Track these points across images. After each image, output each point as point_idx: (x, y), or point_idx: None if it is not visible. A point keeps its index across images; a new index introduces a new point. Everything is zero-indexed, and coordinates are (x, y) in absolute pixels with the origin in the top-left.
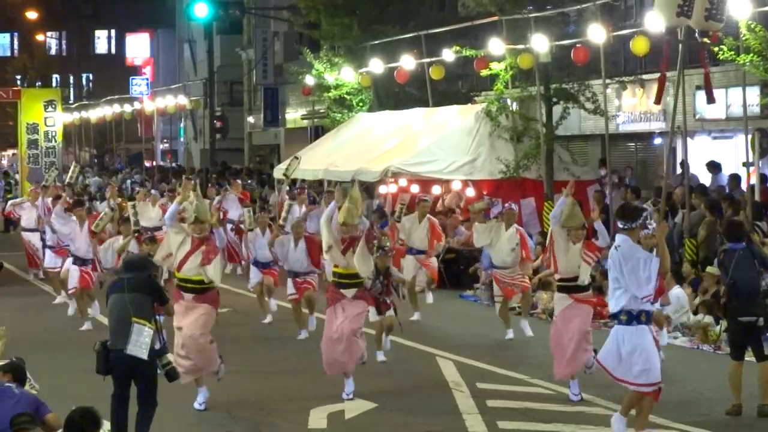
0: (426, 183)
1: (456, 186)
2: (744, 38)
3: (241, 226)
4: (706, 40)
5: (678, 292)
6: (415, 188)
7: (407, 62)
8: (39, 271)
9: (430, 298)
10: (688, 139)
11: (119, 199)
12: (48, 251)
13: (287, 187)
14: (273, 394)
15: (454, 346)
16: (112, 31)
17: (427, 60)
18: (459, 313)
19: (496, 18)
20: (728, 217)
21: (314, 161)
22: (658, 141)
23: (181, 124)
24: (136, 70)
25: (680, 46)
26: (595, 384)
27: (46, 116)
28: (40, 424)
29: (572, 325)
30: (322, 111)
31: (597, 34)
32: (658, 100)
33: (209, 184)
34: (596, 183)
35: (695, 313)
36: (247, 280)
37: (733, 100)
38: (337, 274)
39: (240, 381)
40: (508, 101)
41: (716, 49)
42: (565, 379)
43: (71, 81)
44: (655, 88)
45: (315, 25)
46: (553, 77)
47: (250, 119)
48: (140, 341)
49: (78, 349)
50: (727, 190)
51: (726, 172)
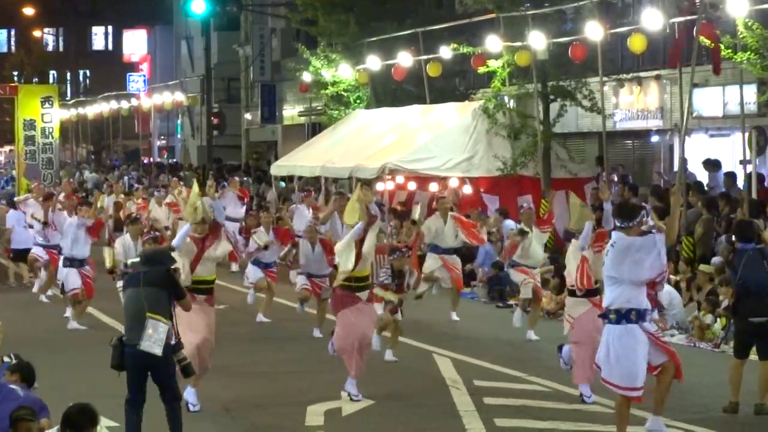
0: (423, 180)
1: (453, 183)
2: (741, 36)
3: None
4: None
5: (669, 289)
6: (412, 185)
7: (404, 59)
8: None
9: (454, 316)
10: (686, 137)
11: (121, 197)
12: (36, 247)
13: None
14: (270, 392)
15: (452, 344)
16: (109, 28)
17: (425, 57)
18: (456, 310)
19: (493, 15)
20: (725, 215)
21: (311, 158)
22: (655, 139)
23: (178, 121)
24: (133, 67)
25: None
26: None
27: (43, 113)
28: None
29: (592, 332)
30: (319, 108)
31: (594, 31)
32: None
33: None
34: (593, 180)
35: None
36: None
37: (731, 98)
38: (352, 278)
39: (237, 379)
40: (506, 98)
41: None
42: (582, 383)
43: (68, 77)
44: (652, 85)
45: (312, 22)
46: (551, 75)
47: (248, 116)
48: (155, 337)
49: (76, 347)
50: (724, 188)
51: (723, 170)
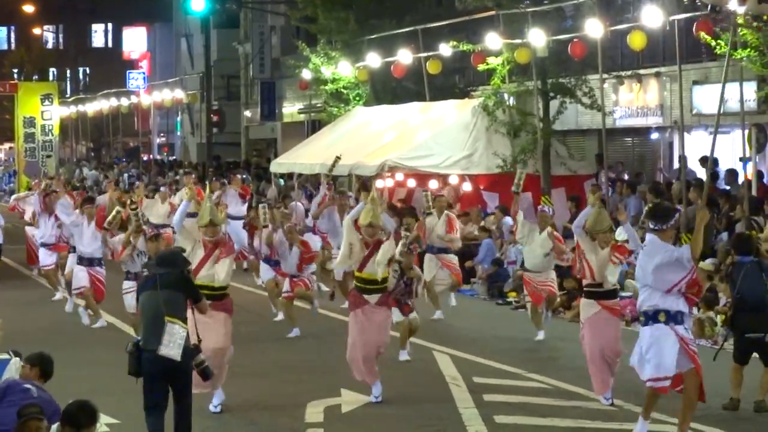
0: (423, 177)
1: (453, 180)
2: (741, 33)
3: (254, 223)
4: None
5: None
6: (412, 183)
7: (404, 57)
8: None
9: (453, 300)
10: (685, 134)
11: (117, 193)
12: (42, 249)
13: (327, 184)
14: (269, 390)
15: (451, 341)
16: (109, 25)
17: (424, 54)
18: (456, 308)
19: (493, 12)
20: (725, 213)
21: (311, 155)
22: (654, 136)
23: (178, 118)
24: (132, 64)
25: (677, 41)
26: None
27: (43, 110)
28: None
29: (603, 341)
30: (319, 105)
31: (594, 28)
32: None
33: (213, 178)
34: (593, 177)
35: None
36: (251, 276)
37: (730, 95)
38: (361, 279)
39: (236, 377)
40: (505, 96)
41: (713, 44)
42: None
43: (68, 75)
44: (652, 83)
45: (312, 19)
46: (550, 72)
47: (247, 113)
48: (173, 341)
49: (77, 345)
50: (725, 185)
51: (723, 167)
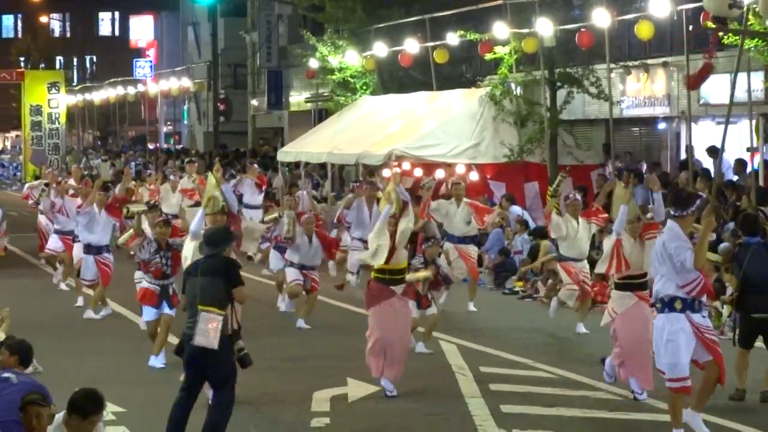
0: (430, 167)
1: (460, 170)
2: (749, 23)
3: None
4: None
5: None
6: (419, 172)
7: (411, 46)
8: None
9: (471, 306)
10: (693, 124)
11: (132, 183)
12: (53, 235)
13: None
14: (275, 380)
15: (458, 330)
16: (116, 14)
17: (431, 44)
18: (462, 297)
19: (500, 2)
20: (732, 203)
21: (318, 145)
22: (662, 126)
23: (185, 107)
24: (139, 53)
25: (685, 31)
26: (599, 367)
27: (49, 98)
28: None
29: (639, 330)
30: (325, 94)
31: (601, 18)
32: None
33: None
34: (600, 167)
35: None
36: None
37: (738, 85)
38: (387, 270)
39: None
40: (512, 85)
41: (721, 34)
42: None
43: (75, 63)
44: (659, 72)
45: (319, 8)
46: (558, 61)
47: (254, 102)
48: (208, 330)
49: (84, 333)
50: (734, 175)
51: (731, 157)
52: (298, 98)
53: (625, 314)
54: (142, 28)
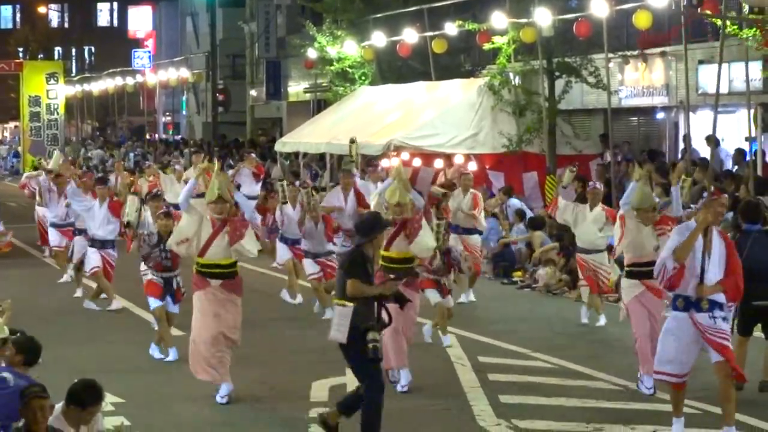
0: (428, 157)
1: (458, 160)
2: (747, 13)
3: (266, 204)
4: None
5: None
6: (418, 162)
7: (410, 36)
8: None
9: (471, 295)
10: (691, 113)
11: (125, 173)
12: (52, 229)
13: (356, 170)
14: (274, 369)
15: (456, 320)
16: (114, 4)
17: (430, 34)
18: (460, 287)
19: None
20: (731, 193)
21: (316, 135)
22: (660, 115)
23: (184, 97)
24: (138, 43)
25: (683, 20)
26: (597, 357)
27: (48, 89)
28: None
29: (646, 318)
30: (324, 84)
31: (600, 7)
32: None
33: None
34: (599, 157)
35: None
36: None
37: (736, 74)
38: (388, 258)
39: (241, 356)
40: (511, 75)
41: (719, 23)
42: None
43: (73, 54)
44: (657, 62)
45: None
46: (556, 51)
47: (253, 92)
48: (340, 323)
49: (84, 324)
50: (733, 164)
51: (729, 146)
52: (296, 88)
53: (632, 304)
54: (141, 19)
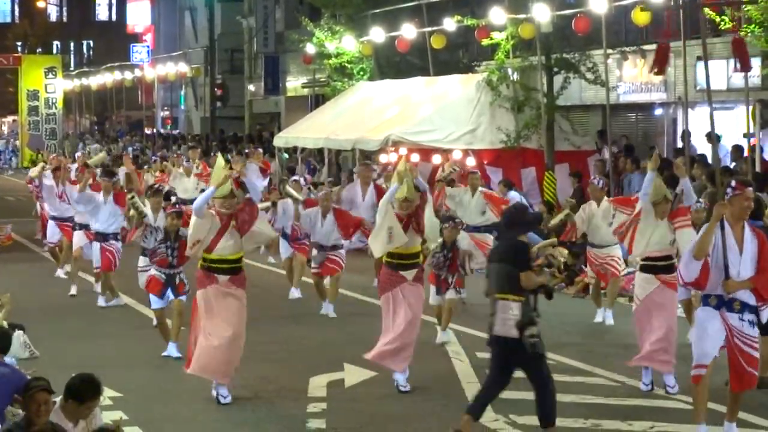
0: (426, 152)
1: (457, 155)
2: (745, 9)
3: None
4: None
5: None
6: (416, 157)
7: (408, 31)
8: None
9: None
10: (689, 109)
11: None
12: (50, 223)
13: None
14: (273, 365)
15: (454, 315)
16: None
17: (429, 29)
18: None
19: None
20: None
21: (314, 130)
22: (658, 112)
23: (182, 92)
24: (136, 38)
25: (681, 16)
26: (595, 353)
27: (46, 83)
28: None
29: (659, 315)
30: (322, 79)
31: (598, 3)
32: (659, 70)
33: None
34: (597, 153)
35: None
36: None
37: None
38: (396, 255)
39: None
40: (509, 71)
41: (718, 20)
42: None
43: (72, 48)
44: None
45: None
46: (554, 47)
47: (251, 87)
48: (506, 319)
49: (83, 319)
50: (731, 161)
51: (727, 143)
52: (294, 83)
53: (647, 300)
54: (139, 13)
